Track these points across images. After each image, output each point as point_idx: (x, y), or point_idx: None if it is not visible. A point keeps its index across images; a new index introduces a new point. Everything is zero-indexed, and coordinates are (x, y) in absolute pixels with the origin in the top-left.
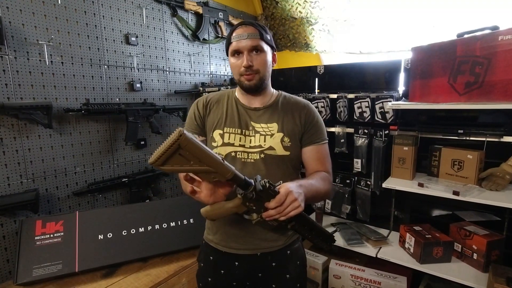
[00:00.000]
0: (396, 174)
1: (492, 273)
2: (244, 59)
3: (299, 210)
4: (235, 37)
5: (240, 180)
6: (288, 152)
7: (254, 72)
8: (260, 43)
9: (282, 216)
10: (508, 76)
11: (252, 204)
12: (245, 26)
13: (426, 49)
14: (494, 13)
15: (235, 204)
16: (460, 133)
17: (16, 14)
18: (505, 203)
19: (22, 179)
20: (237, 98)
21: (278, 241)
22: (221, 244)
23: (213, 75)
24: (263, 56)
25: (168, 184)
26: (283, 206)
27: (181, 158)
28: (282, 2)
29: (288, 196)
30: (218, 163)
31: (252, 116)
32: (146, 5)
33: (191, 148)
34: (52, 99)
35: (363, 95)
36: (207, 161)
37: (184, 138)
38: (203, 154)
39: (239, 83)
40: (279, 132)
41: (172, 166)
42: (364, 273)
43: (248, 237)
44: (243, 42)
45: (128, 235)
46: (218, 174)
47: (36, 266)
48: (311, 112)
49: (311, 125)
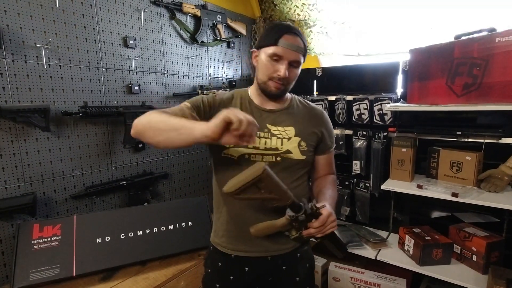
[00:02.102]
0: (395, 176)
1: (491, 275)
2: (283, 69)
3: (335, 229)
4: (284, 43)
5: (295, 205)
6: (304, 157)
7: (285, 83)
8: (301, 59)
9: (320, 234)
10: (506, 78)
11: (297, 224)
12: (295, 36)
13: (424, 51)
14: (491, 15)
15: (283, 223)
16: (458, 135)
17: (14, 17)
18: (504, 204)
19: (20, 183)
20: (251, 98)
21: (288, 244)
22: (229, 247)
23: (212, 78)
24: (298, 71)
25: (166, 187)
26: (324, 226)
27: (255, 188)
28: (280, 4)
29: (329, 217)
30: (283, 192)
31: (267, 118)
32: (144, 8)
33: (268, 182)
34: (50, 102)
35: (362, 97)
36: (276, 191)
37: (266, 173)
38: (275, 186)
39: (263, 85)
40: (296, 136)
41: (245, 195)
42: (363, 275)
43: (257, 240)
44: (290, 53)
45: (126, 238)
46: (280, 201)
47: (33, 270)
48: (328, 121)
49: (327, 134)
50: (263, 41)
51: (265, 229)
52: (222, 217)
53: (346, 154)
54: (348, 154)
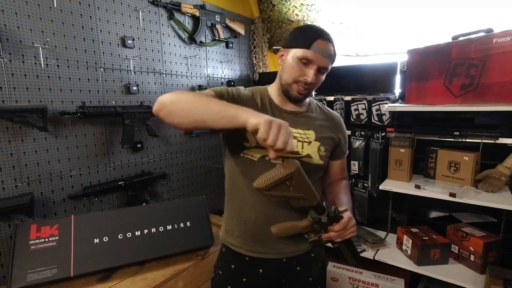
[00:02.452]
0: (393, 176)
1: (489, 274)
2: (311, 75)
3: (354, 234)
4: (317, 48)
5: (320, 206)
6: (322, 162)
7: (309, 89)
8: (330, 66)
9: (339, 238)
10: (503, 78)
11: (318, 226)
12: (329, 42)
13: (422, 51)
14: (489, 16)
15: (305, 225)
16: (456, 135)
17: (11, 17)
18: (501, 204)
19: (17, 183)
20: (271, 98)
21: (304, 245)
22: (244, 248)
23: (210, 78)
24: (323, 77)
25: (165, 187)
26: (345, 230)
27: (285, 186)
28: (279, 5)
29: (350, 221)
30: (312, 192)
31: (288, 120)
32: (142, 8)
33: (299, 180)
34: (47, 102)
35: (360, 97)
36: (305, 190)
37: (298, 171)
38: (305, 184)
39: (287, 86)
40: (316, 141)
41: (275, 192)
42: (361, 275)
43: (272, 241)
44: (321, 59)
45: (124, 238)
46: (307, 201)
47: (31, 271)
48: (344, 128)
49: (344, 140)
50: (294, 42)
51: (287, 230)
52: (237, 218)
53: None
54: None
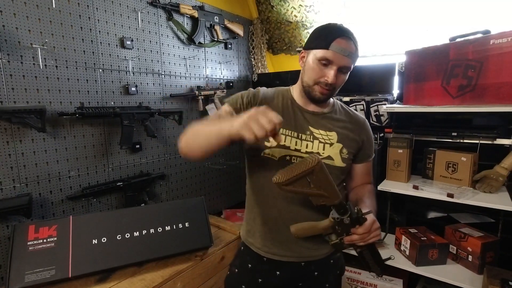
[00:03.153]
0: (391, 176)
1: (486, 274)
2: (331, 75)
3: (378, 238)
4: (336, 47)
5: (342, 206)
6: (344, 165)
7: (331, 89)
8: (352, 65)
9: (362, 242)
10: (500, 79)
11: (340, 228)
12: (349, 40)
13: (420, 52)
14: (486, 17)
15: (326, 225)
16: (454, 136)
17: (10, 18)
18: (499, 205)
19: (15, 184)
20: (294, 98)
21: (324, 250)
22: (263, 250)
23: (209, 79)
24: (345, 77)
25: (163, 188)
26: (368, 233)
27: (305, 181)
28: (278, 6)
29: (374, 224)
30: (333, 190)
31: (310, 120)
32: (141, 9)
33: (320, 176)
34: (46, 103)
35: (358, 98)
36: (326, 187)
37: (320, 166)
38: (326, 181)
39: (308, 88)
40: (338, 143)
41: (294, 187)
42: (360, 276)
43: (293, 245)
44: (341, 58)
45: (123, 239)
46: (328, 199)
47: (29, 272)
48: (369, 130)
49: (368, 143)
50: (313, 43)
51: (306, 230)
52: (258, 218)
53: None
54: None
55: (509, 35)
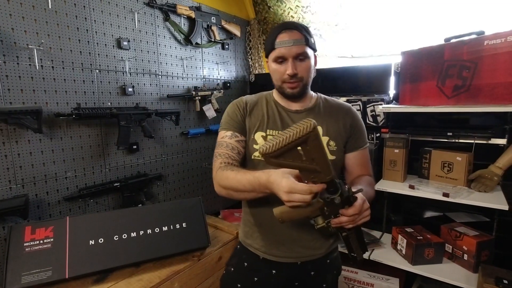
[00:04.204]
0: (387, 176)
1: (482, 273)
2: (289, 67)
3: (368, 219)
4: (279, 43)
5: (333, 184)
6: (334, 157)
7: (298, 80)
8: (306, 49)
9: (351, 224)
10: (494, 80)
11: (328, 209)
12: (290, 31)
13: (415, 53)
14: (481, 18)
15: (314, 207)
16: (449, 136)
17: (6, 19)
18: (494, 204)
19: (11, 185)
20: (276, 100)
21: (321, 249)
22: (261, 250)
23: (206, 79)
24: (307, 63)
25: (161, 188)
26: (359, 214)
27: (296, 153)
28: (274, 7)
29: (364, 204)
30: (326, 164)
31: (294, 118)
32: (138, 10)
33: (315, 145)
34: (42, 104)
35: (355, 99)
36: (320, 161)
37: (314, 133)
38: (320, 152)
39: (280, 89)
40: (324, 136)
41: (284, 160)
42: (357, 275)
43: (291, 245)
44: (288, 49)
45: (120, 240)
46: (319, 175)
47: (25, 273)
48: (355, 116)
49: (356, 129)
50: (266, 49)
51: (292, 212)
52: (254, 220)
53: None
54: None
55: (503, 36)
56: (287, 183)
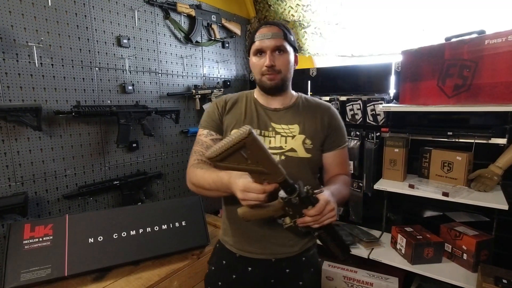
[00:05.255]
0: (387, 175)
1: (481, 272)
2: (267, 59)
3: (334, 220)
4: (258, 36)
5: (288, 184)
6: (309, 155)
7: (276, 72)
8: (284, 43)
9: (317, 224)
10: (495, 79)
11: (290, 209)
12: (269, 26)
13: (416, 52)
14: (481, 17)
15: (275, 207)
16: (449, 135)
17: (5, 16)
18: (494, 203)
19: (11, 182)
20: (256, 98)
21: (294, 247)
22: (236, 247)
23: (206, 78)
24: (285, 57)
25: (160, 187)
26: (321, 215)
27: (240, 156)
28: (275, 5)
29: (327, 205)
30: (274, 166)
31: (272, 116)
32: (138, 8)
33: (254, 149)
34: (42, 101)
35: (355, 98)
36: (265, 163)
37: (251, 138)
38: (263, 155)
39: (260, 82)
40: (300, 134)
41: (229, 163)
42: (356, 274)
43: (264, 242)
44: (267, 42)
45: (119, 238)
46: (270, 176)
47: (24, 271)
48: (333, 115)
49: (334, 129)
50: (248, 46)
51: (254, 212)
52: (229, 217)
53: None
54: None
55: (503, 35)
56: (243, 182)
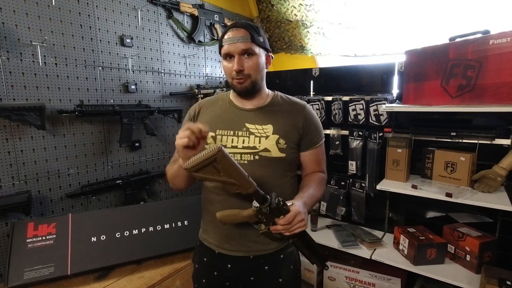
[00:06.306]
0: (390, 176)
1: (484, 274)
2: (235, 64)
3: (304, 229)
4: (226, 40)
5: (259, 195)
6: (283, 154)
7: (245, 77)
8: (252, 46)
9: (288, 232)
10: (499, 80)
11: (263, 217)
12: (236, 29)
13: (420, 52)
14: (486, 17)
15: (249, 214)
16: (453, 136)
17: (9, 15)
18: (497, 204)
19: (14, 181)
20: (231, 99)
21: (271, 245)
22: (214, 244)
23: (209, 77)
24: (254, 60)
25: (162, 186)
26: (291, 225)
27: (213, 169)
28: (278, 5)
29: (297, 216)
30: (244, 179)
31: (246, 117)
32: (141, 7)
33: (225, 164)
34: (45, 100)
35: (358, 98)
36: (235, 176)
37: (221, 154)
38: (233, 169)
39: (232, 86)
40: (274, 134)
41: (204, 174)
42: (358, 275)
43: (241, 239)
44: (234, 46)
45: (122, 237)
46: (241, 188)
47: (28, 269)
48: (309, 114)
49: (310, 128)
50: (218, 49)
51: (231, 216)
52: (207, 215)
53: (342, 154)
54: (344, 154)
55: (508, 35)
56: None
